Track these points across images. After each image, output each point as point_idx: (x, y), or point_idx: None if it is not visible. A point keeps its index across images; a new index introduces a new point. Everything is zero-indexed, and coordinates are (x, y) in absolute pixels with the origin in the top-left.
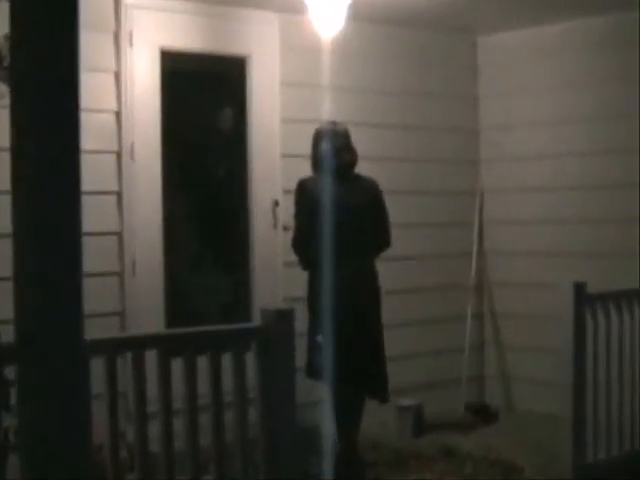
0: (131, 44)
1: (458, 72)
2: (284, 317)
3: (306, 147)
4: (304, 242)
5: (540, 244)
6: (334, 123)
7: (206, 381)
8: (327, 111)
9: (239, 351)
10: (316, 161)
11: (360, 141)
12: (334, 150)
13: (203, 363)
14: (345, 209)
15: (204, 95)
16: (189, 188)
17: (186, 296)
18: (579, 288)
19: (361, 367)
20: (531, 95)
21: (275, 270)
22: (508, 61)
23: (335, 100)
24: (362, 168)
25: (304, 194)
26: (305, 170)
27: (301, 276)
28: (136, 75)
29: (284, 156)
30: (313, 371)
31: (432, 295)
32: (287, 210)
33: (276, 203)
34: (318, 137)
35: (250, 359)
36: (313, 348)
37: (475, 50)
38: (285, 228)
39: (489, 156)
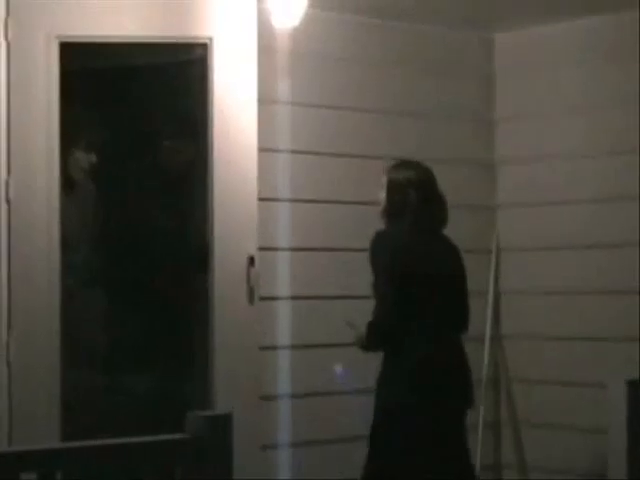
0: (6, 36)
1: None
2: (219, 425)
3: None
4: (396, 321)
5: (579, 324)
6: (416, 165)
7: None
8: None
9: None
10: (398, 214)
11: (329, 180)
12: (424, 202)
13: None
14: (439, 279)
15: (138, 107)
16: (112, 242)
17: (100, 399)
18: (635, 389)
19: None
20: (568, 114)
21: (249, 358)
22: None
23: (300, 121)
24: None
25: (398, 254)
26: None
27: (287, 365)
28: (17, 79)
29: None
30: None
31: None
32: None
33: (251, 261)
34: (403, 184)
35: None
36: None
37: (491, 51)
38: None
39: (508, 200)
